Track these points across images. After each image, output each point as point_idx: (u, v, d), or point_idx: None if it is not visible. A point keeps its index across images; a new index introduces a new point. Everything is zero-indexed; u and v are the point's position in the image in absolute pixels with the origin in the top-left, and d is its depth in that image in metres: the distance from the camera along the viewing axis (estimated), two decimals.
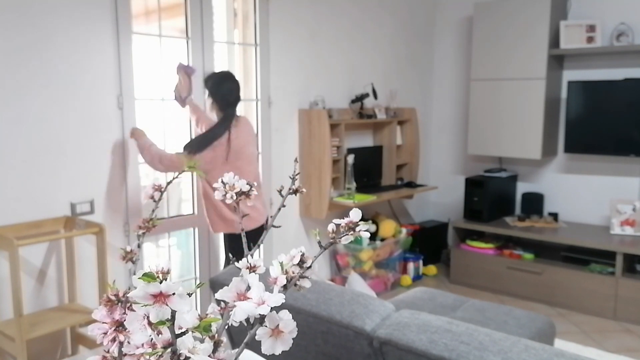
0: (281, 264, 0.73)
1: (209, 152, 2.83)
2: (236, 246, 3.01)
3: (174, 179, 1.05)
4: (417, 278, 4.65)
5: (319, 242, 0.79)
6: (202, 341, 0.68)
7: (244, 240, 0.88)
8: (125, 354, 0.68)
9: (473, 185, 4.55)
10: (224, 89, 2.95)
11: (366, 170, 4.37)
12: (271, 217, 0.86)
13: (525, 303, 4.15)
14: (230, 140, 2.86)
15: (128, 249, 0.95)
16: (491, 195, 4.53)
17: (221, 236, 3.51)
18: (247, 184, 0.89)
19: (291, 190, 0.85)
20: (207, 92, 3.03)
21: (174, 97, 3.14)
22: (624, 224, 4.08)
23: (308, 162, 3.90)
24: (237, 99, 2.99)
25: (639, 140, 4.01)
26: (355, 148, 4.28)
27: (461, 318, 2.48)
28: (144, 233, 0.96)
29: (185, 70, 3.12)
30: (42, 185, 2.70)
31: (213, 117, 3.04)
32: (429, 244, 4.89)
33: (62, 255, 2.84)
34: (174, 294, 0.62)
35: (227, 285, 0.71)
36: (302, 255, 0.74)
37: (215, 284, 2.08)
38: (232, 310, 0.69)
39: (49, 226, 2.72)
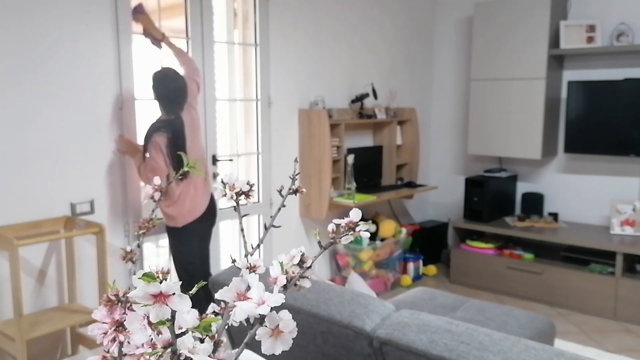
0: (281, 264, 0.73)
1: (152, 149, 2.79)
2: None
3: (174, 178, 1.05)
4: (417, 278, 4.65)
5: (319, 242, 0.79)
6: (202, 341, 0.68)
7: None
8: (125, 354, 0.68)
9: (473, 185, 4.54)
10: (161, 89, 2.83)
11: (366, 170, 4.37)
12: (271, 217, 0.86)
13: (525, 303, 4.15)
14: (171, 144, 2.77)
15: (128, 249, 0.95)
16: (491, 195, 4.53)
17: (222, 233, 3.53)
18: (247, 183, 0.89)
19: (291, 190, 0.85)
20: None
21: (150, 42, 3.00)
22: (624, 224, 4.08)
23: (308, 162, 3.90)
24: (178, 98, 2.85)
25: (639, 140, 4.01)
26: (355, 148, 4.28)
27: (461, 318, 2.48)
28: (144, 233, 0.96)
29: (138, 11, 2.93)
30: (42, 185, 2.70)
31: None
32: (429, 244, 4.89)
33: (62, 255, 2.84)
34: (174, 294, 0.62)
35: (227, 285, 0.71)
36: (302, 255, 0.74)
37: (215, 284, 2.08)
38: (232, 310, 0.69)
39: (49, 226, 2.72)
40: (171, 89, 2.82)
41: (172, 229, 2.93)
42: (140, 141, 3.03)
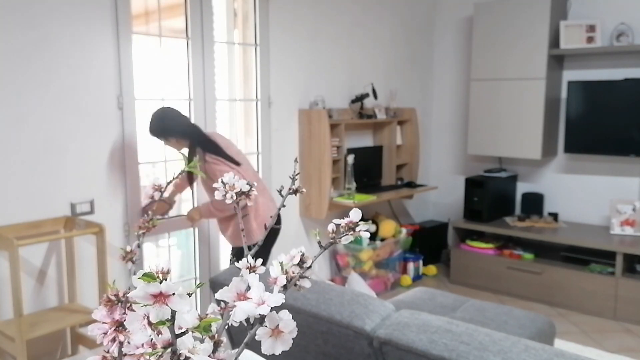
0: (281, 264, 0.73)
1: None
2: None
3: (173, 179, 1.05)
4: (417, 278, 4.65)
5: (319, 242, 0.79)
6: (202, 341, 0.68)
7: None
8: (125, 354, 0.68)
9: (473, 185, 4.54)
10: (184, 119, 2.86)
11: (366, 170, 4.37)
12: (271, 217, 0.86)
13: (525, 303, 4.15)
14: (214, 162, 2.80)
15: (128, 249, 0.95)
16: (491, 195, 4.53)
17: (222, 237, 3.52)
18: (247, 183, 0.89)
19: (291, 190, 0.85)
20: (166, 135, 2.82)
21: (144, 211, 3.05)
22: (624, 224, 4.08)
23: (308, 162, 3.90)
24: (191, 127, 2.89)
25: (639, 140, 4.01)
26: (355, 148, 4.28)
27: (461, 318, 2.48)
28: (144, 233, 0.96)
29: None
30: (42, 185, 2.70)
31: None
32: (429, 244, 4.89)
33: (62, 255, 2.84)
34: (174, 294, 0.62)
35: (227, 285, 0.71)
36: (302, 255, 0.74)
37: (215, 284, 2.08)
38: (232, 310, 0.69)
39: (49, 226, 2.72)
40: (184, 122, 2.84)
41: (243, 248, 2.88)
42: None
